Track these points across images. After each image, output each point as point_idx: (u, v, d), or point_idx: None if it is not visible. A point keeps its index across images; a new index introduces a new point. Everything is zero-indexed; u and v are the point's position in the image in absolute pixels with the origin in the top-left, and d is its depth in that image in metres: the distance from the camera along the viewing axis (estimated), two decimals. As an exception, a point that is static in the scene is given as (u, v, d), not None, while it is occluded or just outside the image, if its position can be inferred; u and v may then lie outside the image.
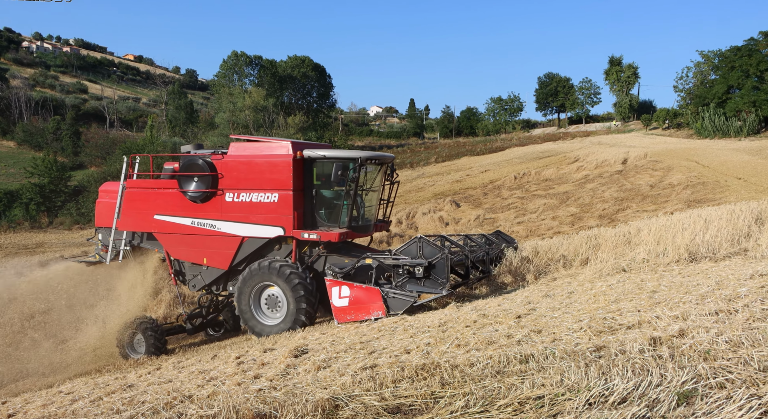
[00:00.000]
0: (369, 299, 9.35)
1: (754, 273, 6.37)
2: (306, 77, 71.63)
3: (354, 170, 10.79)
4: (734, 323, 4.36)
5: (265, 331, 10.57)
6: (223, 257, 11.38)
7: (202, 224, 11.38)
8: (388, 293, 9.30)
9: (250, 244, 11.17)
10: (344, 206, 10.98)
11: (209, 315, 12.98)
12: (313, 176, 11.06)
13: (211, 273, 11.73)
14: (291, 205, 10.69)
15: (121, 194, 12.26)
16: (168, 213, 11.68)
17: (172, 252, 11.91)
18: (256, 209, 10.96)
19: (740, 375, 3.22)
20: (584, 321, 5.35)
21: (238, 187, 11.08)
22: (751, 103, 48.53)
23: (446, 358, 4.78)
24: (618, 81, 75.80)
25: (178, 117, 65.94)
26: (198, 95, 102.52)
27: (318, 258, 11.08)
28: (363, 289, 9.45)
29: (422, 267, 9.45)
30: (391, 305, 9.19)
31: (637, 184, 28.47)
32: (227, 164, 11.17)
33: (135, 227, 12.20)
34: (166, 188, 11.82)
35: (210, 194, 11.24)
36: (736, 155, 32.99)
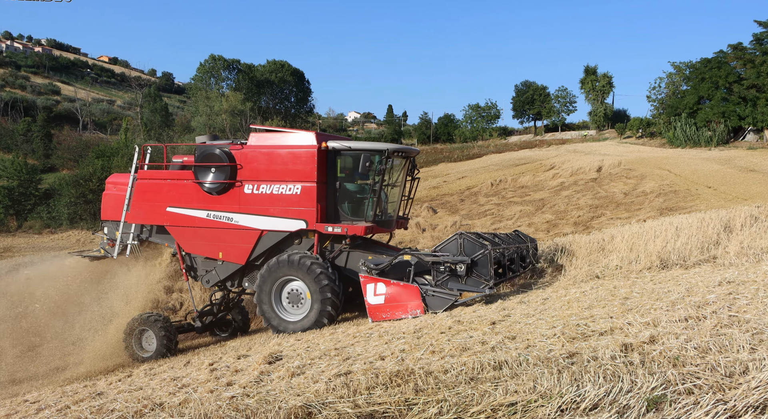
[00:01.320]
0: (407, 297, 8.98)
1: (722, 280, 6.50)
2: (284, 82, 71.43)
3: (381, 163, 10.47)
4: (703, 329, 4.44)
5: (287, 328, 10.15)
6: (240, 251, 10.96)
7: (219, 217, 10.97)
8: (427, 290, 8.94)
9: (270, 238, 10.78)
10: (369, 200, 10.66)
11: (220, 313, 12.51)
12: (336, 168, 10.69)
13: (226, 268, 11.31)
14: (315, 197, 10.33)
15: (132, 185, 11.74)
16: (182, 205, 11.24)
17: (185, 246, 11.46)
18: (276, 202, 10.58)
19: (707, 381, 3.27)
20: (558, 328, 5.39)
21: (258, 178, 10.69)
22: (720, 114, 49.72)
23: (421, 365, 4.78)
24: (593, 90, 76.99)
25: (153, 120, 65.12)
26: (174, 99, 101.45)
27: (340, 253, 10.73)
28: (401, 286, 9.08)
29: (465, 265, 9.16)
30: (430, 304, 8.82)
31: (611, 192, 28.89)
32: (247, 155, 10.78)
33: (145, 219, 11.70)
34: (180, 179, 11.34)
35: (228, 185, 10.84)
36: (707, 165, 33.71)
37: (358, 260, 10.49)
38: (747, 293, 5.53)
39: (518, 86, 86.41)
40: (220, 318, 12.55)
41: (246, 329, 12.95)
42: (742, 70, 50.09)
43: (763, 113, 47.35)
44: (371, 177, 10.60)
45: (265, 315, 10.40)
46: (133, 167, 11.88)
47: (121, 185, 12.17)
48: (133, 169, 11.85)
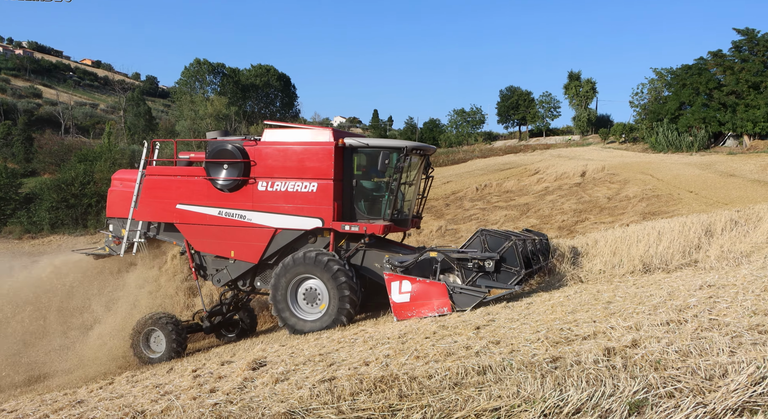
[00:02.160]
0: (433, 294, 8.80)
1: (703, 284, 6.57)
2: (269, 86, 71.27)
3: (399, 160, 10.30)
4: (684, 333, 4.48)
5: (304, 327, 9.97)
6: (253, 249, 10.77)
7: (231, 215, 10.76)
8: (454, 288, 8.75)
9: (284, 236, 10.62)
10: (386, 198, 10.53)
11: (228, 313, 12.27)
12: (353, 166, 10.55)
13: (238, 267, 11.13)
14: (331, 195, 10.18)
15: (140, 181, 11.47)
16: (192, 203, 11.02)
17: (196, 244, 11.25)
18: (291, 199, 10.41)
19: (688, 384, 3.30)
20: (542, 332, 5.42)
21: (273, 175, 10.51)
22: (701, 120, 50.44)
23: (405, 370, 4.77)
24: (577, 95, 77.68)
25: (137, 124, 64.59)
26: (159, 102, 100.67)
27: (356, 252, 10.57)
28: (427, 284, 8.90)
29: (494, 261, 9.04)
30: (457, 301, 8.64)
31: (595, 196, 29.15)
32: (260, 151, 10.58)
33: (154, 217, 11.48)
34: (191, 175, 11.13)
35: (241, 182, 10.64)
36: (688, 169, 34.15)
37: (374, 259, 10.38)
38: (727, 296, 5.60)
39: (503, 92, 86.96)
40: (227, 319, 12.29)
41: (253, 329, 12.69)
42: (721, 76, 50.90)
43: (742, 119, 48.12)
44: (389, 175, 10.43)
45: (281, 314, 10.21)
46: (141, 162, 11.57)
47: (128, 182, 11.89)
48: (141, 165, 11.55)
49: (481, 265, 9.22)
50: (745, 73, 48.43)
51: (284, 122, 11.22)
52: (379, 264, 10.47)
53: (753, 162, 35.68)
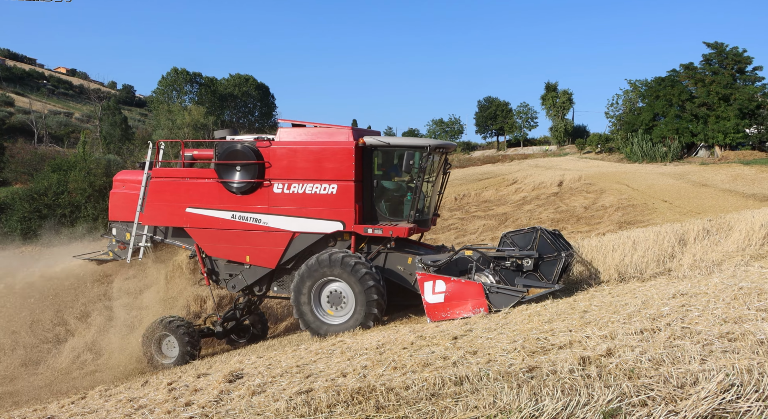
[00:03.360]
0: (469, 294, 8.54)
1: (676, 293, 6.67)
2: (248, 96, 71.02)
3: (423, 159, 9.99)
4: (657, 341, 4.55)
5: (328, 331, 9.63)
6: (270, 254, 10.40)
7: (245, 218, 10.36)
8: (491, 287, 8.50)
9: (302, 240, 10.26)
10: (408, 199, 10.24)
11: (242, 318, 11.98)
12: (373, 166, 10.20)
13: (254, 272, 10.76)
14: (352, 197, 9.84)
15: (146, 183, 10.99)
16: (203, 206, 10.59)
17: (208, 250, 10.83)
18: (310, 202, 10.03)
19: (660, 393, 3.35)
20: (518, 342, 5.45)
21: (289, 177, 10.10)
22: (674, 131, 51.49)
23: (382, 381, 4.76)
24: (554, 106, 78.79)
25: (113, 134, 63.75)
26: (135, 112, 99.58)
27: (378, 255, 10.25)
28: (462, 283, 8.63)
29: (532, 259, 8.83)
30: (494, 302, 8.40)
31: (572, 206, 29.49)
32: (276, 152, 10.18)
33: (162, 221, 11.04)
34: (201, 177, 10.70)
35: (255, 184, 10.24)
36: (663, 179, 34.77)
37: (397, 261, 10.15)
38: (699, 305, 5.69)
39: (481, 102, 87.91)
40: (238, 324, 12.02)
41: (264, 335, 12.41)
42: (693, 88, 52.09)
43: (713, 131, 49.24)
44: (411, 175, 10.17)
45: (304, 318, 9.85)
46: (146, 164, 11.16)
47: (131, 183, 11.48)
48: (146, 166, 11.14)
49: (519, 264, 9.01)
50: (716, 85, 49.63)
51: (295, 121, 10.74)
52: (402, 267, 10.22)
53: (724, 172, 36.47)
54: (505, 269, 9.39)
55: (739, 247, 11.04)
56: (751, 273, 7.26)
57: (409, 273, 10.15)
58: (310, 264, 9.78)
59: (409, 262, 10.18)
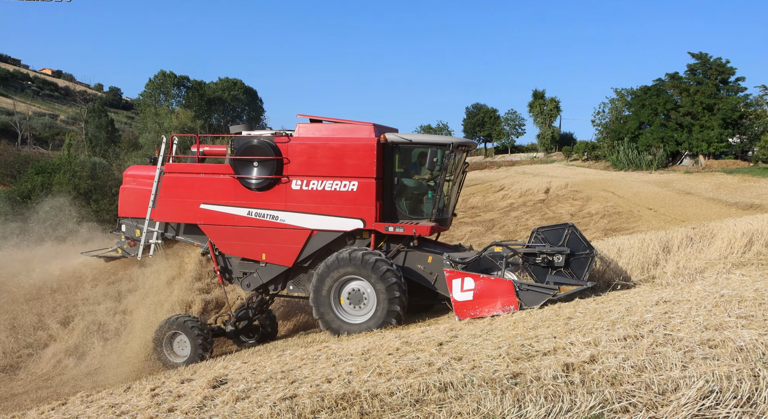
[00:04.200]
0: (498, 292, 8.39)
1: (659, 300, 6.74)
2: (236, 100, 70.86)
3: (445, 157, 9.89)
4: (639, 348, 4.58)
5: (349, 330, 9.49)
6: (287, 252, 10.22)
7: (262, 215, 10.19)
8: (521, 284, 8.40)
9: (320, 238, 10.10)
10: (429, 197, 10.14)
11: (255, 317, 11.81)
12: (394, 163, 10.06)
13: (270, 270, 10.57)
14: (374, 195, 9.70)
15: (158, 179, 10.77)
16: (218, 202, 10.38)
17: (223, 247, 10.64)
18: (329, 199, 9.88)
19: (642, 399, 3.38)
20: (503, 348, 5.47)
21: (308, 173, 9.94)
22: (659, 139, 52.13)
23: (367, 387, 4.75)
24: (541, 114, 79.51)
25: (98, 136, 63.25)
26: (122, 114, 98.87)
27: (397, 253, 10.12)
28: (491, 281, 8.49)
29: (564, 256, 8.72)
30: (524, 299, 8.29)
31: (558, 213, 29.69)
32: (294, 148, 10.01)
33: (174, 217, 10.84)
34: (216, 173, 10.49)
35: (273, 181, 10.06)
36: (648, 187, 35.14)
37: (417, 260, 10.06)
38: (681, 312, 5.75)
39: (469, 109, 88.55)
40: (249, 323, 11.84)
41: (274, 335, 12.24)
42: (678, 98, 52.81)
43: (698, 140, 49.90)
44: (433, 172, 10.07)
45: (324, 317, 9.71)
46: (159, 159, 10.95)
47: (142, 179, 11.30)
48: (159, 161, 10.93)
49: (550, 260, 8.93)
50: (700, 95, 50.35)
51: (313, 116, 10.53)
52: (421, 266, 10.13)
53: (708, 181, 36.95)
54: (535, 266, 9.28)
55: (721, 255, 11.18)
56: (732, 281, 7.35)
57: (429, 272, 10.08)
58: (330, 262, 9.64)
59: (429, 261, 10.08)
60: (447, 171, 10.06)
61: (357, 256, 9.44)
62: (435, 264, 10.08)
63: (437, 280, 10.05)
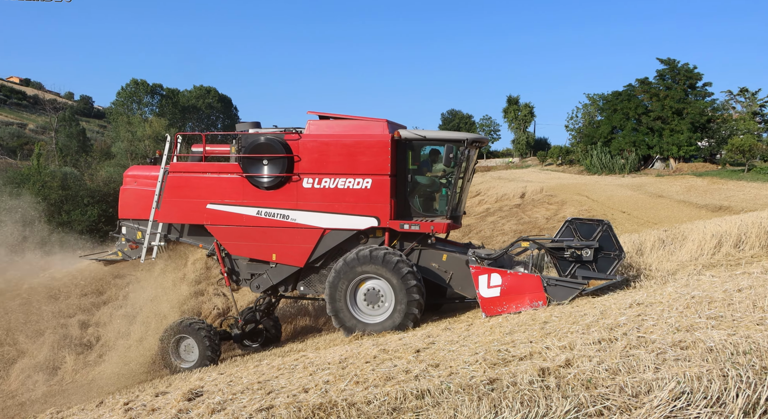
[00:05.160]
0: (526, 288, 8.33)
1: (633, 302, 6.83)
2: (211, 108, 70.29)
3: (461, 153, 9.73)
4: (614, 351, 4.64)
5: (365, 330, 9.36)
6: (299, 252, 10.00)
7: (272, 215, 9.97)
8: (549, 280, 8.33)
9: (333, 237, 9.90)
10: (443, 194, 10.02)
11: (261, 320, 11.50)
12: (407, 160, 9.92)
13: (280, 271, 10.33)
14: (388, 192, 9.56)
15: (162, 179, 10.49)
16: (226, 202, 10.14)
17: (231, 248, 10.38)
18: (342, 197, 9.69)
19: (616, 402, 3.42)
20: (480, 354, 5.48)
21: (320, 171, 9.74)
22: (631, 143, 53.05)
23: (344, 396, 4.72)
24: (516, 119, 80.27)
25: (69, 146, 62.17)
26: (94, 123, 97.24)
27: (411, 252, 9.98)
28: (519, 276, 8.42)
29: (592, 249, 8.66)
30: (553, 295, 8.24)
31: (534, 217, 29.96)
32: (305, 145, 9.80)
33: (179, 218, 10.53)
34: (223, 172, 10.22)
35: (283, 179, 9.85)
36: (621, 191, 35.68)
37: (431, 258, 9.96)
38: (654, 314, 5.84)
39: (444, 115, 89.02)
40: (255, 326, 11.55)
41: (278, 339, 11.97)
42: (648, 103, 53.85)
43: (668, 143, 50.90)
44: (447, 169, 9.95)
45: (339, 315, 9.54)
46: (164, 158, 10.65)
47: (143, 179, 11.02)
48: (164, 161, 10.63)
49: (579, 254, 8.86)
50: (669, 100, 51.40)
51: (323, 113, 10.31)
52: (436, 264, 10.03)
53: (679, 184, 37.67)
54: (562, 259, 9.24)
55: (692, 256, 11.40)
56: (702, 282, 7.49)
57: (444, 270, 10.00)
58: (350, 259, 9.47)
59: (443, 259, 9.99)
60: (461, 168, 9.98)
61: (378, 255, 9.29)
62: (450, 262, 9.99)
63: (452, 278, 9.96)
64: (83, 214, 28.56)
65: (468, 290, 9.81)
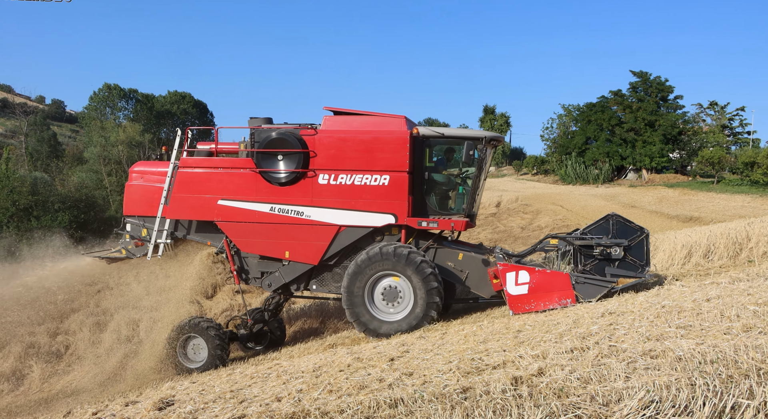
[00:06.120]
0: (555, 285, 8.28)
1: (605, 311, 6.92)
2: (186, 113, 69.60)
3: (480, 151, 9.67)
4: (585, 360, 4.68)
5: (383, 328, 9.23)
6: (313, 249, 9.85)
7: (286, 211, 9.79)
8: (578, 277, 8.26)
9: (348, 234, 9.76)
10: (460, 192, 9.94)
11: (269, 320, 11.16)
12: (424, 157, 9.82)
13: (293, 269, 10.13)
14: (406, 189, 9.47)
15: (172, 174, 10.23)
16: (238, 198, 9.95)
17: (242, 245, 10.18)
18: (359, 194, 9.57)
19: (587, 411, 3.45)
20: (454, 362, 5.49)
21: (336, 167, 9.62)
22: (605, 154, 53.97)
23: (317, 405, 4.69)
24: (492, 128, 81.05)
25: (40, 150, 60.98)
26: (66, 128, 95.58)
27: (427, 250, 9.87)
28: (548, 274, 8.36)
29: (621, 247, 8.62)
30: (582, 292, 8.18)
31: (509, 226, 30.21)
32: (322, 141, 9.66)
33: (189, 214, 10.29)
34: (236, 167, 10.05)
35: (298, 175, 9.68)
36: (595, 200, 36.21)
37: (447, 257, 9.87)
38: (625, 323, 5.92)
39: (421, 123, 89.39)
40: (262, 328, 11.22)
41: (282, 341, 11.66)
42: (622, 114, 54.88)
43: (641, 154, 51.89)
44: (463, 167, 9.90)
45: (357, 315, 9.38)
46: (173, 153, 10.38)
47: (150, 175, 10.70)
48: (173, 156, 10.36)
49: (608, 252, 8.83)
50: (642, 112, 52.44)
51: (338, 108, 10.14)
52: (451, 263, 9.94)
53: (651, 194, 38.38)
54: (590, 257, 9.22)
55: (663, 266, 11.60)
56: (673, 292, 7.62)
57: (460, 270, 9.94)
58: (372, 254, 9.35)
59: (460, 258, 9.92)
60: (479, 166, 9.97)
61: (401, 253, 9.22)
62: (465, 262, 9.93)
63: (468, 278, 9.90)
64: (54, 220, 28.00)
65: (484, 290, 9.82)
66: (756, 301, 5.82)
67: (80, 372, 11.40)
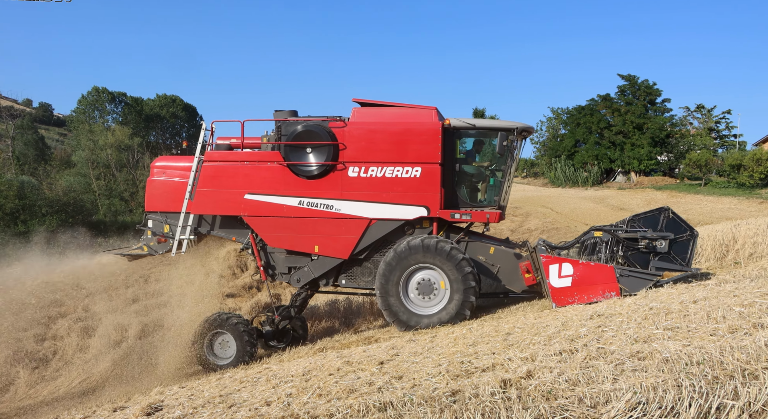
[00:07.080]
0: (598, 278, 8.27)
1: (594, 314, 6.96)
2: (175, 117, 69.32)
3: (512, 142, 9.56)
4: (574, 362, 4.71)
5: (419, 322, 9.14)
6: (343, 243, 9.71)
7: (315, 205, 9.65)
8: (622, 270, 8.27)
9: (379, 228, 9.63)
10: (491, 183, 9.87)
11: (295, 317, 10.99)
12: (455, 149, 9.73)
13: (323, 264, 9.99)
14: (438, 181, 9.38)
15: (196, 168, 10.05)
16: (265, 192, 9.78)
17: (270, 240, 9.99)
18: (390, 186, 9.44)
19: (575, 413, 3.46)
20: (443, 366, 5.50)
21: (366, 160, 9.49)
22: (594, 157, 54.33)
23: (306, 409, 4.68)
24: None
25: (27, 154, 60.44)
26: (53, 131, 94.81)
27: (458, 243, 9.77)
28: (591, 267, 8.34)
29: (667, 241, 8.60)
30: (626, 285, 8.17)
31: (499, 229, 30.18)
32: (351, 133, 9.53)
33: (214, 209, 10.09)
34: (263, 160, 9.85)
35: (328, 168, 9.55)
36: (584, 203, 36.40)
37: (478, 251, 9.80)
38: (613, 325, 5.96)
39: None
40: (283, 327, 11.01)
41: (305, 338, 11.48)
42: (610, 117, 55.28)
43: (629, 157, 52.27)
44: (494, 158, 9.82)
45: (392, 308, 9.27)
46: (198, 146, 10.19)
47: (173, 170, 10.54)
48: (198, 149, 10.18)
49: (654, 245, 8.81)
50: (630, 115, 52.84)
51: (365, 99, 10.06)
52: (483, 257, 9.87)
53: (639, 197, 38.63)
54: (634, 251, 9.18)
55: (651, 268, 11.63)
56: (660, 294, 7.68)
57: (491, 264, 9.88)
58: (401, 250, 9.26)
59: (491, 252, 9.87)
60: (510, 157, 9.87)
61: (432, 244, 9.15)
62: (497, 256, 9.89)
63: (500, 272, 9.86)
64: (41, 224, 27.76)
65: (515, 285, 9.78)
66: (742, 302, 5.88)
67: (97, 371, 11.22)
